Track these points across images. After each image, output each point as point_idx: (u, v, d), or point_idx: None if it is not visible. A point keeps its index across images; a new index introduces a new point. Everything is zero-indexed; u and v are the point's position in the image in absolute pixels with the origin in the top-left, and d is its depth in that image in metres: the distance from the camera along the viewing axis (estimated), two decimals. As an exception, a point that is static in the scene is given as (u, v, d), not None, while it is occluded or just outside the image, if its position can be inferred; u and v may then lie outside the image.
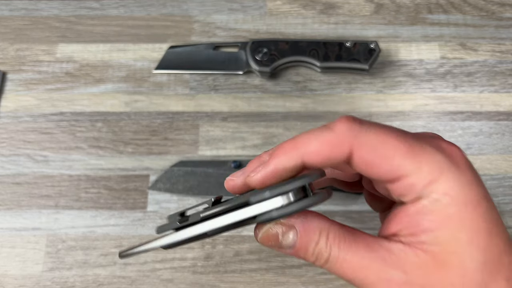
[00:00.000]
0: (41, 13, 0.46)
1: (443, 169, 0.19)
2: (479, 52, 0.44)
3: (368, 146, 0.19)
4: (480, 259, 0.19)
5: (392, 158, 0.19)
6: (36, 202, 0.39)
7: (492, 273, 0.19)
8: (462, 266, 0.19)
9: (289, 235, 0.20)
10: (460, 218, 0.19)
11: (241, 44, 0.43)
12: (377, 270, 0.19)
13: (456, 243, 0.19)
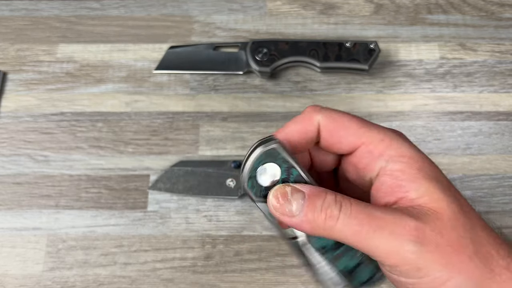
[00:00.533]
0: (42, 13, 0.46)
1: (393, 138, 0.22)
2: (478, 52, 0.44)
3: (330, 118, 0.23)
4: (458, 203, 0.21)
5: (350, 128, 0.22)
6: (37, 202, 0.39)
7: (471, 218, 0.21)
8: (450, 211, 0.21)
9: (298, 195, 0.21)
10: (426, 171, 0.21)
11: (241, 44, 0.43)
12: (393, 219, 0.20)
13: (437, 192, 0.21)
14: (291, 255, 0.37)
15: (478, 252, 0.21)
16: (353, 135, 0.22)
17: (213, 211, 0.38)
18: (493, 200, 0.39)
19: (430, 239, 0.20)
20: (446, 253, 0.20)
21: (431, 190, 0.21)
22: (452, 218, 0.21)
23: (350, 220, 0.20)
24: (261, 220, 0.38)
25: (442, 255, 0.20)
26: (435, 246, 0.20)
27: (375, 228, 0.20)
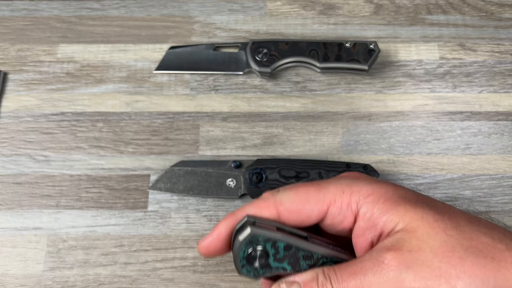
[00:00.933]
0: (42, 13, 0.46)
1: (351, 185, 0.24)
2: (478, 52, 0.44)
3: (286, 200, 0.24)
4: (429, 211, 0.22)
5: (310, 199, 0.24)
6: (37, 202, 0.39)
7: (450, 218, 0.22)
8: (425, 223, 0.22)
9: (294, 287, 0.24)
10: (391, 200, 0.23)
11: (241, 45, 0.43)
12: (372, 266, 0.22)
13: (405, 214, 0.22)
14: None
15: (470, 247, 0.21)
16: (317, 203, 0.24)
17: (213, 211, 0.39)
18: (492, 200, 0.39)
19: (410, 260, 0.21)
20: (434, 265, 0.21)
21: (400, 214, 0.22)
22: (428, 228, 0.22)
23: (340, 285, 0.22)
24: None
25: (431, 269, 0.21)
26: (420, 264, 0.21)
27: (361, 278, 0.22)
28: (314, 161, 0.38)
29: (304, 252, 0.24)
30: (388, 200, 0.23)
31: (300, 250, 0.24)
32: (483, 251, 0.21)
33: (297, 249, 0.24)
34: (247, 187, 0.38)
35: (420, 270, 0.21)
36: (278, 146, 0.41)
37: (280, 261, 0.24)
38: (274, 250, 0.24)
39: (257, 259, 0.24)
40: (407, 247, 0.21)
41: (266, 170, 0.38)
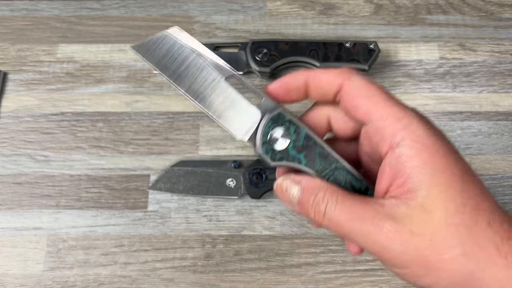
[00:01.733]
0: (42, 13, 0.46)
1: (413, 120, 0.21)
2: (478, 52, 0.44)
3: (354, 86, 0.23)
4: (458, 201, 0.21)
5: (373, 97, 0.22)
6: (37, 202, 0.39)
7: (472, 216, 0.21)
8: (444, 210, 0.21)
9: (295, 188, 0.24)
10: (434, 163, 0.21)
11: (241, 45, 0.43)
12: (371, 219, 0.21)
13: (436, 188, 0.21)
14: (291, 255, 0.37)
15: (467, 252, 0.21)
16: (374, 105, 0.22)
17: (213, 211, 0.39)
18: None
19: (406, 241, 0.21)
20: (429, 258, 0.20)
21: (430, 185, 0.21)
22: (443, 218, 0.21)
23: (332, 217, 0.22)
24: (261, 220, 0.38)
25: (425, 257, 0.20)
26: (415, 249, 0.21)
27: (355, 222, 0.21)
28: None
29: (321, 149, 0.25)
30: (429, 162, 0.21)
31: (318, 146, 0.25)
32: (481, 215, 0.21)
33: (315, 144, 0.25)
34: (247, 187, 0.38)
35: (413, 253, 0.21)
36: (278, 146, 0.41)
37: (298, 151, 0.25)
38: (295, 136, 0.25)
39: (278, 140, 0.25)
40: (411, 228, 0.21)
41: (266, 170, 0.38)
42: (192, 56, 0.27)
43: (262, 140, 0.25)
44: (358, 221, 0.22)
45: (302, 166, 0.25)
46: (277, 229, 0.38)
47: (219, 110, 0.27)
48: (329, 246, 0.37)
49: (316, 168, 0.25)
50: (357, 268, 0.37)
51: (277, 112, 0.25)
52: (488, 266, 0.20)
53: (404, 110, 0.22)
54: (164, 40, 0.28)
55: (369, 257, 0.37)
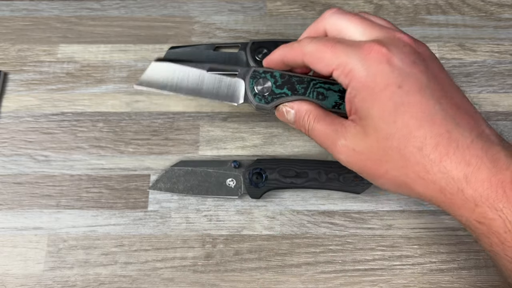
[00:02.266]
0: (42, 13, 0.46)
1: (354, 65, 0.28)
2: (477, 52, 0.44)
3: (307, 55, 0.30)
4: (388, 130, 0.27)
5: (322, 59, 0.29)
6: (38, 201, 0.39)
7: (400, 141, 0.27)
8: (376, 135, 0.28)
9: (291, 113, 0.33)
10: (372, 99, 0.27)
11: (241, 45, 0.43)
12: (331, 137, 0.30)
13: (372, 118, 0.28)
14: (291, 255, 0.37)
15: (397, 168, 0.28)
16: (325, 65, 0.29)
17: (213, 210, 0.39)
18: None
19: (352, 157, 0.30)
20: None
21: (368, 115, 0.28)
22: (375, 142, 0.28)
23: (312, 132, 0.32)
24: (261, 219, 0.38)
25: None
26: (356, 162, 0.30)
27: (325, 141, 0.31)
28: (314, 161, 0.38)
29: (297, 78, 0.33)
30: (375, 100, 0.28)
31: (293, 77, 0.33)
32: (411, 142, 0.27)
33: (290, 76, 0.33)
34: (247, 187, 0.38)
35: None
36: (278, 146, 0.41)
37: (281, 87, 0.33)
38: (273, 79, 0.33)
39: (263, 87, 0.34)
40: (354, 147, 0.29)
41: (266, 170, 0.38)
42: (178, 68, 0.36)
43: (252, 94, 0.34)
44: (325, 137, 0.31)
45: (289, 97, 0.33)
46: (277, 229, 0.38)
47: (213, 92, 0.35)
48: (328, 246, 0.37)
49: (300, 92, 0.33)
50: (356, 268, 0.37)
51: (252, 71, 0.34)
52: (416, 178, 0.27)
53: (347, 56, 0.28)
54: (158, 68, 0.36)
55: (368, 257, 0.37)
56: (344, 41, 0.29)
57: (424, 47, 0.30)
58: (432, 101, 0.27)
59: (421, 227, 0.38)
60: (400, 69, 0.27)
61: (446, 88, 0.28)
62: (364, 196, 0.39)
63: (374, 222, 0.38)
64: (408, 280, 0.36)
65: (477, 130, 0.27)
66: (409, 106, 0.27)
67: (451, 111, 0.27)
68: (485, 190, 0.26)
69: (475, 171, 0.26)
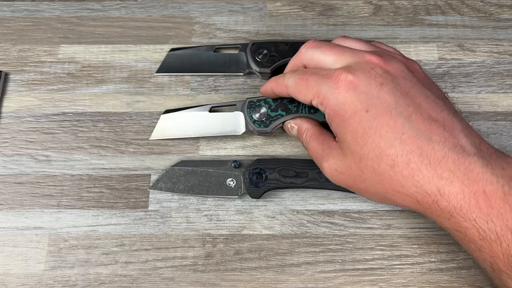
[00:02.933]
0: (43, 14, 0.46)
1: (326, 93, 0.31)
2: (477, 53, 0.45)
3: (290, 88, 0.34)
4: (361, 152, 0.30)
5: (300, 92, 0.33)
6: (38, 201, 0.39)
7: (374, 161, 0.29)
8: (352, 156, 0.30)
9: (294, 129, 0.37)
10: (343, 125, 0.30)
11: (242, 46, 0.44)
12: (320, 156, 0.33)
13: (346, 141, 0.30)
14: (291, 254, 0.37)
15: (375, 184, 0.31)
16: (305, 96, 0.33)
17: (213, 210, 0.39)
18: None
19: (336, 176, 0.33)
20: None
21: (343, 139, 0.31)
22: (353, 163, 0.31)
23: (308, 147, 0.35)
24: (261, 219, 0.38)
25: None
26: (341, 181, 0.33)
27: (316, 158, 0.34)
28: (313, 161, 0.38)
29: (288, 100, 0.38)
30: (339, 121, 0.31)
31: (285, 100, 0.38)
32: (383, 161, 0.29)
33: (282, 99, 0.38)
34: (247, 187, 0.38)
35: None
36: (278, 146, 0.41)
37: (275, 110, 0.38)
38: (267, 105, 0.38)
39: (260, 114, 0.38)
40: (336, 167, 0.32)
41: (266, 170, 0.38)
42: (184, 115, 0.41)
43: (252, 122, 0.38)
44: (315, 155, 0.34)
45: (285, 117, 0.38)
46: (277, 229, 0.38)
47: (218, 129, 0.40)
48: (328, 246, 0.38)
49: (293, 111, 0.37)
50: (356, 267, 0.37)
51: (247, 102, 0.39)
52: (393, 192, 0.30)
53: (317, 86, 0.31)
54: (166, 119, 0.41)
55: (368, 256, 0.37)
56: (317, 71, 0.32)
57: (396, 64, 0.31)
58: (401, 119, 0.28)
59: (421, 226, 0.38)
60: (366, 93, 0.29)
61: (419, 102, 0.29)
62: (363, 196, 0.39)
63: (373, 222, 0.38)
64: (408, 279, 0.37)
65: (452, 142, 0.28)
66: (377, 128, 0.29)
67: (422, 127, 0.28)
68: (458, 202, 0.27)
69: (447, 185, 0.27)
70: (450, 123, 0.29)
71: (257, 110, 0.38)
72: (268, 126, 0.38)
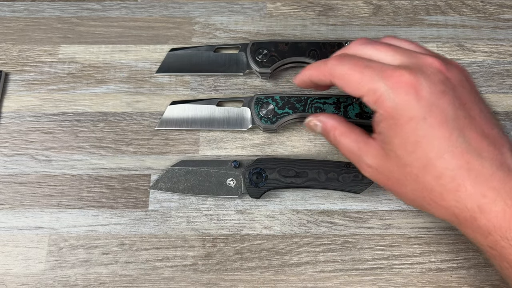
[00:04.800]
0: (43, 14, 0.46)
1: (382, 93, 0.28)
2: (476, 53, 0.45)
3: (336, 77, 0.31)
4: (408, 159, 0.29)
5: (351, 83, 0.30)
6: (39, 201, 0.39)
7: (419, 170, 0.28)
8: (396, 160, 0.29)
9: (318, 126, 0.34)
10: (395, 129, 0.29)
11: (242, 46, 0.44)
12: (356, 153, 0.32)
13: (394, 145, 0.29)
14: (291, 254, 0.37)
15: (415, 189, 0.30)
16: (355, 90, 0.30)
17: (213, 210, 0.39)
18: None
19: (376, 176, 0.32)
20: None
21: (390, 140, 0.30)
22: (395, 167, 0.30)
23: (338, 145, 0.33)
24: (261, 219, 0.38)
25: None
26: (379, 180, 0.32)
27: (350, 156, 0.33)
28: (313, 161, 0.38)
29: (294, 97, 0.39)
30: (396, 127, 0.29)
31: (292, 98, 0.39)
32: (429, 170, 0.28)
33: (289, 97, 0.39)
34: (247, 187, 0.38)
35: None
36: (278, 146, 0.41)
37: (282, 108, 0.39)
38: (274, 102, 0.39)
39: (267, 110, 0.39)
40: (377, 167, 0.31)
41: (266, 170, 0.38)
42: (191, 107, 0.41)
43: (259, 118, 0.39)
44: (350, 153, 0.32)
45: (291, 115, 0.39)
46: (276, 228, 0.38)
47: (224, 123, 0.41)
48: (328, 245, 0.38)
49: (300, 110, 0.39)
50: (356, 267, 0.37)
51: (255, 98, 0.40)
52: (431, 202, 0.29)
53: (375, 84, 0.29)
54: (173, 110, 0.42)
55: (368, 256, 0.37)
56: (373, 65, 0.29)
57: (455, 70, 0.30)
58: (456, 133, 0.27)
59: (420, 226, 0.38)
60: (427, 100, 0.27)
61: (473, 115, 0.28)
62: (363, 196, 0.39)
63: (373, 222, 0.38)
64: (407, 279, 0.37)
65: (499, 161, 0.27)
66: (431, 139, 0.27)
67: (474, 142, 0.27)
68: (498, 221, 0.27)
69: (490, 203, 0.27)
70: (499, 141, 0.28)
71: (265, 107, 0.39)
72: (275, 123, 0.39)
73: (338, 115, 0.35)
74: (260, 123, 0.39)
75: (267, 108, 0.39)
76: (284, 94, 0.40)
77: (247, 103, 0.40)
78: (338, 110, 0.39)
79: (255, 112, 0.39)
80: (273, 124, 0.39)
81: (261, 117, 0.39)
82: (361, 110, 0.39)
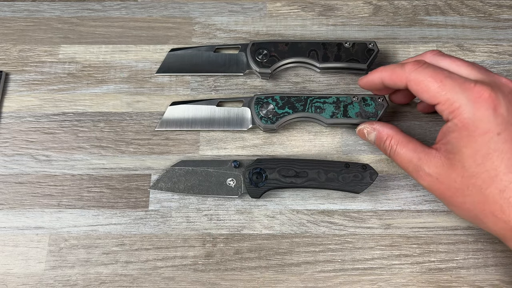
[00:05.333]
0: (44, 14, 0.46)
1: (462, 104, 0.30)
2: (476, 53, 0.45)
3: (413, 81, 0.32)
4: (476, 170, 0.30)
5: (429, 90, 0.31)
6: (39, 201, 0.39)
7: (485, 181, 0.29)
8: (462, 170, 0.30)
9: (372, 134, 0.36)
10: (468, 140, 0.30)
11: (242, 46, 0.44)
12: (414, 163, 0.33)
13: (462, 155, 0.30)
14: (291, 254, 0.37)
15: (474, 202, 0.31)
16: (432, 97, 0.31)
17: (213, 210, 0.39)
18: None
19: (434, 185, 0.32)
20: None
21: (458, 151, 0.31)
22: (459, 177, 0.30)
23: (395, 156, 0.34)
24: (261, 219, 0.39)
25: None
26: (438, 189, 0.32)
27: (407, 167, 0.34)
28: (313, 161, 0.38)
29: (294, 97, 0.39)
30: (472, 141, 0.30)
31: (292, 98, 0.39)
32: (495, 183, 0.29)
33: (289, 97, 0.39)
34: (247, 187, 0.38)
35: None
36: (278, 146, 0.41)
37: (282, 108, 0.39)
38: (274, 102, 0.39)
39: (267, 110, 0.39)
40: (437, 177, 0.31)
41: (266, 170, 0.38)
42: (191, 108, 0.41)
43: (259, 118, 0.39)
44: (408, 163, 0.33)
45: (291, 115, 0.39)
46: (276, 228, 0.38)
47: (225, 123, 0.41)
48: (328, 245, 0.38)
49: (299, 110, 0.39)
50: (356, 267, 0.37)
51: (255, 98, 0.40)
52: (489, 215, 0.30)
53: (455, 94, 0.30)
54: (173, 110, 0.41)
55: (368, 256, 0.37)
56: (453, 76, 0.31)
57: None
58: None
59: (420, 226, 0.38)
60: (504, 117, 0.29)
61: None
62: (363, 196, 0.39)
63: (373, 222, 0.38)
64: (407, 279, 0.37)
65: None
66: (502, 153, 0.29)
67: None
68: None
69: None
70: None
71: (265, 107, 0.39)
72: (275, 123, 0.39)
73: (393, 125, 0.35)
74: (260, 123, 0.39)
75: (267, 108, 0.39)
76: (284, 94, 0.40)
77: (247, 103, 0.40)
78: (338, 109, 0.39)
79: (255, 112, 0.39)
80: (273, 124, 0.39)
81: (261, 117, 0.39)
82: (361, 110, 0.39)
